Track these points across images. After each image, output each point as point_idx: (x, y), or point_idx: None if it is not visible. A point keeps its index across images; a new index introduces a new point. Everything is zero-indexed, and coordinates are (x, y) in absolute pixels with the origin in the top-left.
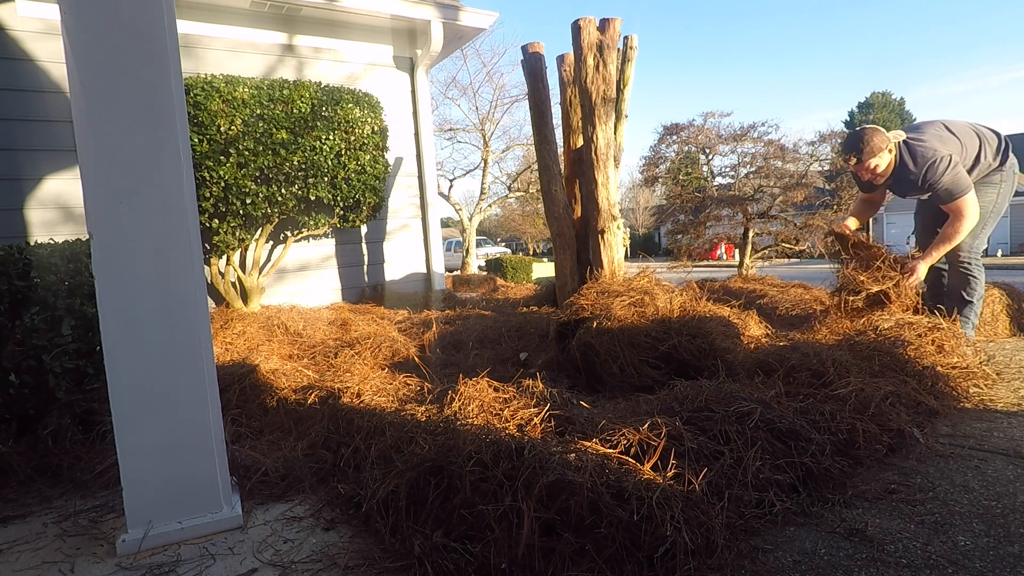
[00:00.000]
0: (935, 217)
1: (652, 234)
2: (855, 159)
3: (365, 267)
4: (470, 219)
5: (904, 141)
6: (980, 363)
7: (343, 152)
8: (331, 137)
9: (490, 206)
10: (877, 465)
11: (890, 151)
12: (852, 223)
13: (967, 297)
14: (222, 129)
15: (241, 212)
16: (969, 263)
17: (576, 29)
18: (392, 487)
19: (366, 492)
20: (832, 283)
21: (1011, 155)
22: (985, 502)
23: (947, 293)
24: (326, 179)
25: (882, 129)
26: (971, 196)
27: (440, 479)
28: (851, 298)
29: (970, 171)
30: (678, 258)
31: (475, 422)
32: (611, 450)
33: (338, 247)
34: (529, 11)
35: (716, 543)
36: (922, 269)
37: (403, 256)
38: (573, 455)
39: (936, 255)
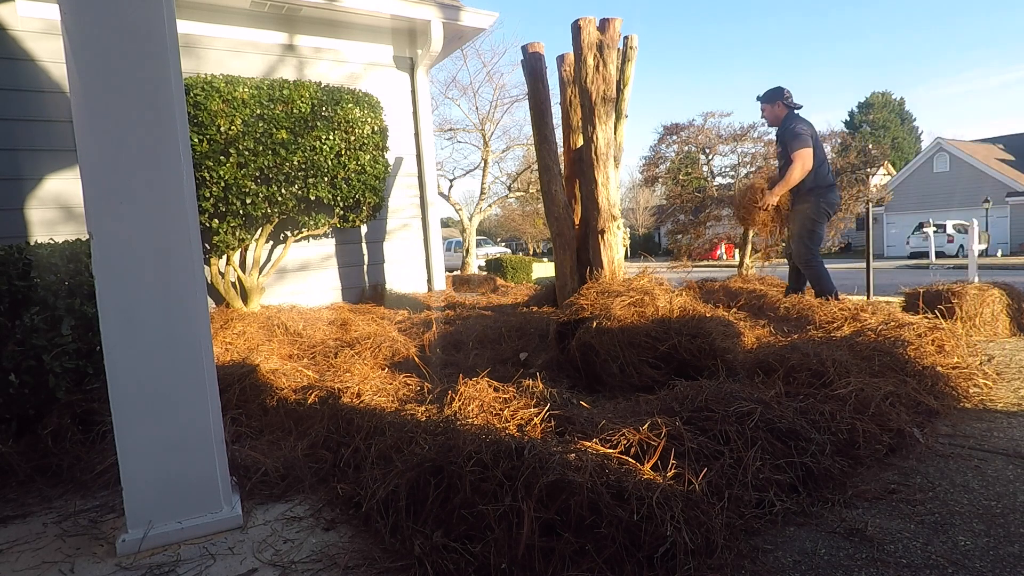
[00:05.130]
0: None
1: (652, 234)
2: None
3: (365, 267)
4: (470, 219)
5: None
6: (980, 363)
7: (343, 152)
8: (331, 137)
9: (490, 206)
10: (877, 465)
11: (779, 107)
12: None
13: (822, 288)
14: (222, 129)
15: (241, 212)
16: (807, 262)
17: (576, 29)
18: (392, 487)
19: (366, 492)
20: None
21: (832, 192)
22: (985, 502)
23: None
24: (326, 179)
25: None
26: (806, 152)
27: (440, 479)
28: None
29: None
30: (678, 258)
31: (475, 422)
32: (611, 450)
33: (338, 247)
34: (529, 11)
35: (716, 543)
36: (771, 199)
37: (403, 256)
38: (573, 455)
39: (778, 190)
